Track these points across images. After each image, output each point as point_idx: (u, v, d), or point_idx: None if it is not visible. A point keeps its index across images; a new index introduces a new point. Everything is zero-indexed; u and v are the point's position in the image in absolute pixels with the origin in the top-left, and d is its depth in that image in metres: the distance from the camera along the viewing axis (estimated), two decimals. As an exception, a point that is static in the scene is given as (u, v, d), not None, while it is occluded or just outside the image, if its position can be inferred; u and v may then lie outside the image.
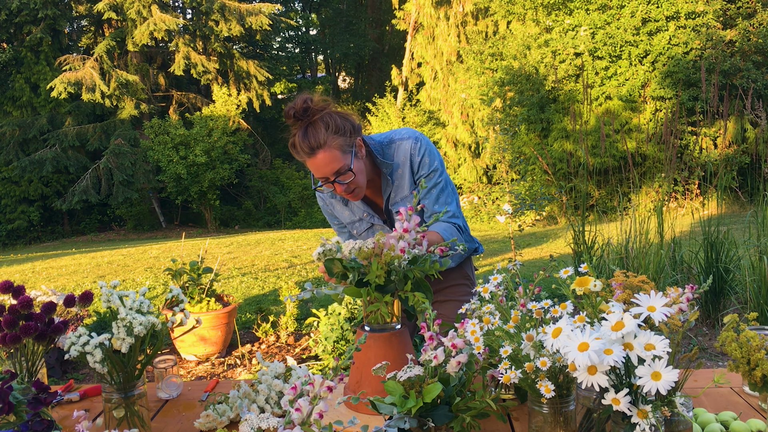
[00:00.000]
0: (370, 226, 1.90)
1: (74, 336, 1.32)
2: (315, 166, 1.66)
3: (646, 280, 1.12)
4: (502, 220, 6.90)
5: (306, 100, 1.64)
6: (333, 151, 1.64)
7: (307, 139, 1.63)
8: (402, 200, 1.82)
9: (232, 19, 17.07)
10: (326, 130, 1.63)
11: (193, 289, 4.36)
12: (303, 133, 1.64)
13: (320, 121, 1.64)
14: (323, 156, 1.63)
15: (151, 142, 15.76)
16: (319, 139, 1.62)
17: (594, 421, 1.17)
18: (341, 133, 1.65)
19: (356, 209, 1.89)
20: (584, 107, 8.84)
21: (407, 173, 1.81)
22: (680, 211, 9.32)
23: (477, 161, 14.75)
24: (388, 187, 1.82)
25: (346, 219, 1.93)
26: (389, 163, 1.80)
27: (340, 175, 1.67)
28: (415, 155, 1.80)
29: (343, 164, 1.66)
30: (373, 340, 1.47)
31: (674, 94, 11.67)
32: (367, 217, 1.88)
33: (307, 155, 1.65)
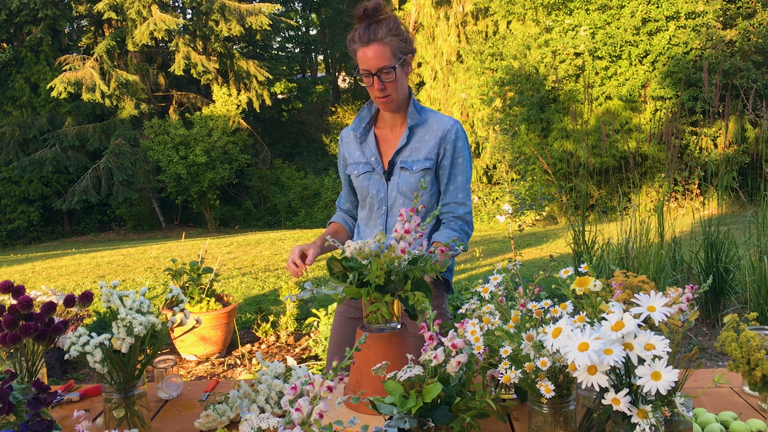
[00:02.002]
0: (370, 171, 1.91)
1: (74, 336, 1.32)
2: (365, 57, 1.74)
3: (646, 280, 1.12)
4: (502, 220, 6.90)
5: (378, 5, 1.74)
6: (386, 49, 1.73)
7: (368, 31, 1.73)
8: (413, 162, 1.83)
9: (232, 19, 17.07)
10: (387, 28, 1.73)
11: (193, 289, 4.36)
12: (366, 26, 1.74)
13: (384, 21, 1.74)
14: (376, 48, 1.73)
15: (151, 142, 15.76)
16: (380, 34, 1.72)
17: (594, 421, 1.17)
18: (400, 37, 1.75)
19: (367, 151, 1.91)
20: (584, 107, 8.84)
21: (433, 142, 1.83)
22: (680, 211, 9.32)
23: (477, 161, 14.75)
24: (404, 139, 1.85)
25: (354, 158, 1.94)
26: (418, 116, 1.84)
27: (383, 72, 1.74)
28: (451, 133, 1.83)
29: (390, 62, 1.74)
30: (373, 340, 1.47)
31: (674, 94, 11.67)
32: (373, 161, 1.89)
33: (363, 44, 1.73)
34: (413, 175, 1.83)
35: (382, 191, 1.88)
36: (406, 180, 1.84)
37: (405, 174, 1.84)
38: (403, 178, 1.85)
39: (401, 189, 1.85)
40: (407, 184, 1.84)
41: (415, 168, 1.83)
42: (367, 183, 1.91)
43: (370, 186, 1.90)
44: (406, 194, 1.85)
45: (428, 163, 1.82)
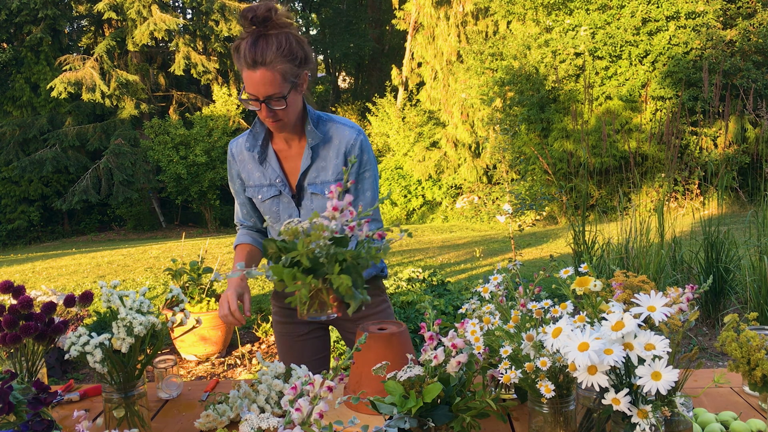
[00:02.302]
0: (276, 195, 1.75)
1: (74, 336, 1.32)
2: (251, 81, 1.54)
3: (646, 280, 1.12)
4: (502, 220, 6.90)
5: (270, 9, 1.51)
6: (275, 74, 1.52)
7: (254, 51, 1.51)
8: (322, 184, 1.70)
9: (232, 19, 17.08)
10: (277, 50, 1.51)
11: (193, 289, 4.36)
12: (253, 41, 1.51)
13: (274, 37, 1.52)
14: (263, 74, 1.52)
15: (151, 142, 15.76)
16: (266, 56, 1.51)
17: (594, 421, 1.17)
18: (291, 59, 1.54)
19: (270, 172, 1.74)
20: (584, 107, 8.84)
21: (336, 159, 1.68)
22: (680, 211, 9.32)
23: (477, 161, 14.75)
24: (307, 159, 1.69)
25: (255, 180, 1.77)
26: (319, 135, 1.67)
27: (272, 100, 1.56)
28: (355, 147, 1.68)
29: (279, 90, 1.55)
30: (373, 340, 1.47)
31: (674, 94, 11.67)
32: (278, 183, 1.73)
33: (248, 67, 1.52)
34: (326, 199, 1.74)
35: (294, 217, 1.74)
36: (320, 205, 1.71)
37: (317, 199, 1.72)
38: (316, 204, 1.72)
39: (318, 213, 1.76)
40: (321, 209, 1.70)
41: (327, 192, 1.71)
42: (277, 208, 1.76)
43: (281, 211, 1.76)
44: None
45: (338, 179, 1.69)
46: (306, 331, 1.94)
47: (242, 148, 1.77)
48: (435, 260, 7.98)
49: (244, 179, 1.80)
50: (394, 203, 16.39)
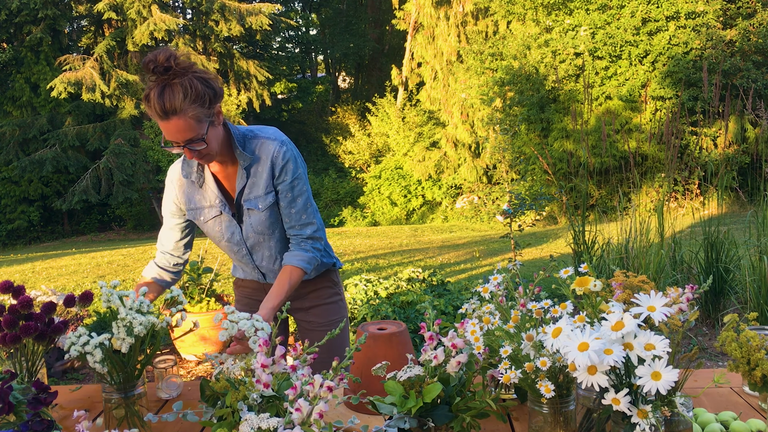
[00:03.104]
0: (218, 215, 1.81)
1: (74, 336, 1.32)
2: (166, 130, 1.58)
3: (646, 280, 1.12)
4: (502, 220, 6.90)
5: (170, 58, 1.54)
6: (188, 120, 1.56)
7: (162, 102, 1.54)
8: (255, 198, 1.76)
9: (232, 19, 17.08)
10: (184, 98, 1.54)
11: (193, 289, 4.36)
12: (159, 92, 1.54)
13: (179, 85, 1.55)
14: (176, 123, 1.56)
15: (151, 141, 15.77)
16: (175, 105, 1.54)
17: (594, 421, 1.17)
18: (200, 102, 1.57)
19: (210, 194, 1.80)
20: (584, 107, 8.84)
21: (266, 174, 1.75)
22: (680, 211, 9.32)
23: (477, 161, 14.75)
24: (242, 179, 1.75)
25: (195, 204, 1.83)
26: (248, 156, 1.73)
27: (192, 143, 1.60)
28: (279, 159, 1.74)
29: (196, 133, 1.59)
30: (373, 340, 1.47)
31: (674, 94, 11.67)
32: (218, 203, 1.79)
33: (160, 118, 1.56)
34: (262, 213, 1.77)
35: (237, 234, 1.83)
36: (258, 220, 1.78)
37: (254, 214, 1.78)
38: (254, 219, 1.79)
39: (256, 229, 1.80)
40: (260, 223, 1.79)
41: (261, 206, 1.77)
42: (220, 227, 1.83)
43: (224, 230, 1.83)
44: (263, 232, 1.80)
45: (271, 197, 1.76)
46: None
47: (177, 172, 1.84)
48: (435, 260, 7.98)
49: (183, 203, 1.85)
50: (394, 203, 16.39)
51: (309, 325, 1.99)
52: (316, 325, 1.98)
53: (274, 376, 1.20)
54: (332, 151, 19.60)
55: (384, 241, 10.40)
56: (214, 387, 1.23)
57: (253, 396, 1.14)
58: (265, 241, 1.83)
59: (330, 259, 1.99)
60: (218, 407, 1.19)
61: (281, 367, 1.20)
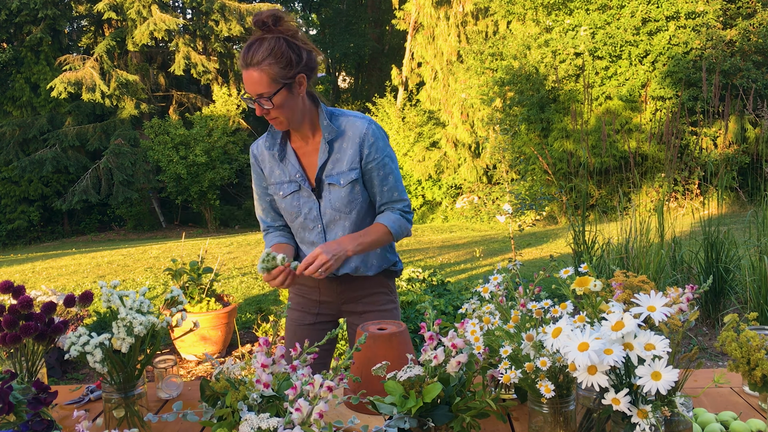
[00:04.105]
0: (297, 190, 1.82)
1: (74, 336, 1.32)
2: (245, 80, 1.64)
3: (646, 280, 1.12)
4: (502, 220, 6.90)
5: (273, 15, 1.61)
6: (263, 75, 1.60)
7: (247, 52, 1.61)
8: (338, 174, 1.76)
9: (232, 19, 17.08)
10: (269, 53, 1.60)
11: (193, 289, 4.36)
12: (249, 44, 1.62)
13: (268, 40, 1.61)
14: (252, 74, 1.61)
15: (151, 142, 15.76)
16: (257, 57, 1.60)
17: (594, 421, 1.17)
18: (282, 62, 1.61)
19: (290, 168, 1.81)
20: (584, 107, 8.84)
21: (352, 150, 1.75)
22: (680, 211, 9.32)
23: (477, 161, 14.75)
24: (324, 153, 1.76)
25: (276, 178, 1.84)
26: (334, 129, 1.74)
27: (261, 99, 1.64)
28: (369, 136, 1.75)
29: (267, 90, 1.62)
30: (373, 340, 1.47)
31: (674, 94, 11.67)
32: (298, 178, 1.80)
33: (242, 66, 1.63)
34: (342, 189, 1.78)
35: (315, 210, 1.82)
36: (337, 195, 1.78)
37: (335, 189, 1.78)
38: (334, 194, 1.79)
39: (334, 205, 1.80)
40: (339, 199, 1.79)
41: (343, 182, 1.77)
42: (298, 203, 1.83)
43: (302, 205, 1.83)
44: (341, 209, 1.80)
45: (354, 173, 1.76)
46: (312, 321, 1.98)
47: (262, 148, 1.86)
48: (435, 260, 7.98)
49: (266, 177, 1.87)
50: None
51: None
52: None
53: (274, 376, 1.20)
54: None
55: (384, 241, 10.37)
56: (214, 387, 1.23)
57: (253, 396, 1.14)
58: (342, 219, 1.81)
59: (393, 256, 1.96)
60: (218, 407, 1.19)
61: (281, 367, 1.21)
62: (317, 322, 1.98)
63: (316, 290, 1.95)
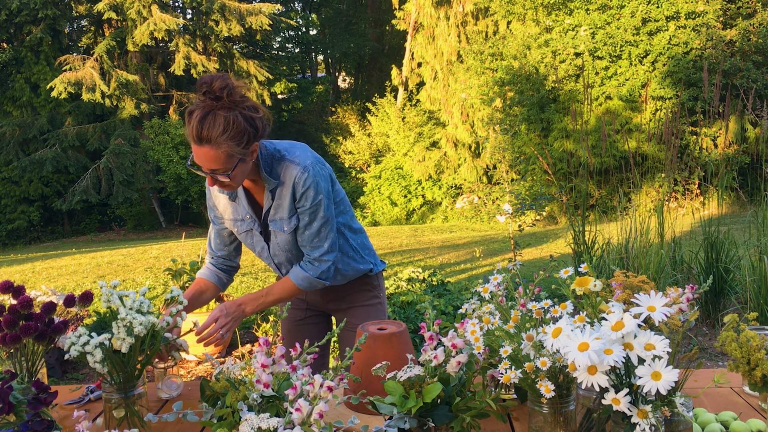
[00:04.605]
0: (249, 230, 1.84)
1: (74, 336, 1.32)
2: (196, 155, 1.58)
3: (646, 280, 1.12)
4: (502, 220, 6.90)
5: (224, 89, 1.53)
6: (219, 153, 1.55)
7: (201, 128, 1.53)
8: (280, 220, 1.77)
9: (232, 19, 17.07)
10: (223, 132, 1.53)
11: (193, 289, 4.35)
12: (201, 118, 1.53)
13: (223, 117, 1.53)
14: (207, 152, 1.55)
15: (151, 142, 15.76)
16: (211, 135, 1.53)
17: (594, 421, 1.17)
18: (237, 140, 1.56)
19: (241, 209, 1.81)
20: (584, 107, 8.84)
21: (289, 197, 1.74)
22: (680, 211, 9.32)
23: (477, 161, 14.75)
24: (268, 200, 1.77)
25: (229, 215, 1.85)
26: (273, 181, 1.72)
27: (216, 174, 1.61)
28: (299, 185, 1.71)
29: (223, 167, 1.59)
30: (373, 340, 1.47)
31: (674, 94, 11.67)
32: (249, 219, 1.82)
33: (194, 141, 1.56)
34: (287, 235, 1.80)
35: (265, 249, 1.86)
36: (284, 240, 1.81)
37: (280, 235, 1.81)
38: (280, 239, 1.82)
39: (283, 248, 1.83)
40: (286, 243, 1.81)
41: (286, 229, 1.78)
42: (251, 241, 1.87)
43: (255, 244, 1.87)
44: (290, 250, 1.83)
45: (294, 220, 1.77)
46: (303, 316, 2.09)
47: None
48: (435, 260, 7.98)
49: (220, 212, 1.88)
50: (394, 203, 16.39)
51: (347, 325, 1.96)
52: (353, 327, 1.95)
53: (274, 376, 1.20)
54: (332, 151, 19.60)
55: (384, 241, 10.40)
56: (214, 387, 1.23)
57: (253, 396, 1.14)
58: (294, 258, 1.86)
59: (366, 265, 1.97)
60: (218, 407, 1.19)
61: (281, 367, 1.21)
62: (307, 317, 2.09)
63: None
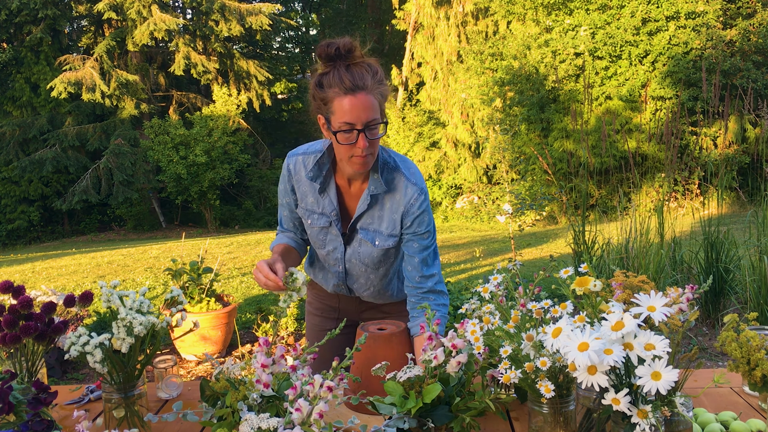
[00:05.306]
0: (327, 226, 1.71)
1: (74, 336, 1.32)
2: (349, 107, 1.44)
3: (646, 280, 1.12)
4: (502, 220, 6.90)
5: (352, 43, 1.46)
6: (374, 99, 1.46)
7: (352, 76, 1.44)
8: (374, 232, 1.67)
9: (232, 19, 17.07)
10: (373, 77, 1.47)
11: (193, 289, 4.36)
12: (346, 69, 1.45)
13: (365, 65, 1.47)
14: (365, 99, 1.44)
15: (151, 142, 15.76)
16: (366, 81, 1.45)
17: (594, 421, 1.17)
18: (383, 85, 1.49)
19: (327, 203, 1.68)
20: (584, 107, 8.85)
21: (393, 213, 1.64)
22: (680, 211, 9.32)
23: (477, 161, 14.75)
24: (364, 204, 1.64)
25: (308, 205, 1.72)
26: (382, 184, 1.61)
27: (370, 128, 1.47)
28: (415, 207, 1.62)
29: (377, 117, 1.48)
30: (373, 340, 1.47)
31: (674, 93, 11.67)
32: (333, 216, 1.68)
33: (346, 91, 1.44)
34: (375, 250, 1.69)
35: (339, 252, 1.74)
36: (368, 252, 1.70)
37: (366, 246, 1.69)
38: (364, 249, 1.70)
39: (363, 260, 1.72)
40: (369, 257, 1.71)
41: (378, 244, 1.68)
42: (324, 237, 1.74)
43: (327, 242, 1.74)
44: (368, 264, 1.72)
45: (392, 241, 1.67)
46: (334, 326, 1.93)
47: (301, 168, 1.70)
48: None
49: (298, 197, 1.74)
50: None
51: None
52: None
53: (274, 376, 1.20)
54: (332, 151, 19.57)
55: (384, 241, 10.37)
56: (214, 387, 1.23)
57: (253, 396, 1.14)
58: (366, 273, 1.75)
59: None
60: (218, 407, 1.20)
61: (281, 367, 1.21)
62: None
63: (335, 298, 1.92)
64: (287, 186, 1.75)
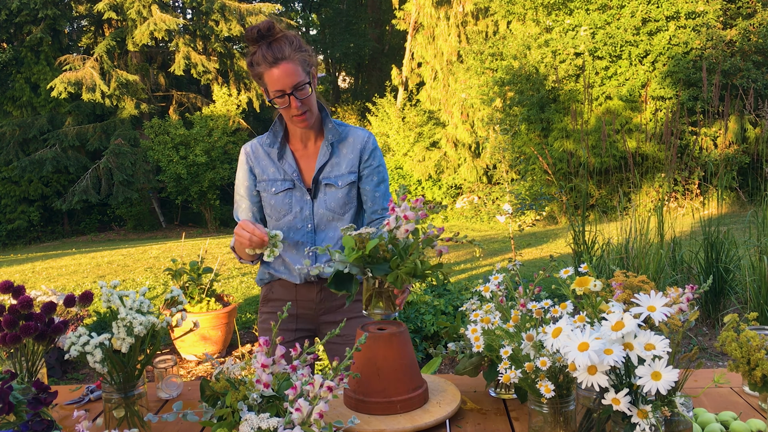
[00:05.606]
0: (290, 188, 1.85)
1: (74, 336, 1.32)
2: (276, 77, 1.69)
3: (646, 280, 1.12)
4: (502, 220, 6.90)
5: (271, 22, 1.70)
6: (296, 65, 1.69)
7: (272, 51, 1.68)
8: (336, 177, 1.83)
9: (232, 19, 17.07)
10: (290, 46, 1.69)
11: (193, 289, 4.36)
12: (267, 46, 1.69)
13: (283, 38, 1.70)
14: (286, 67, 1.68)
15: (151, 142, 15.76)
16: (284, 52, 1.68)
17: (594, 421, 1.17)
18: (303, 51, 1.71)
19: (287, 167, 1.85)
20: (584, 107, 8.84)
21: (352, 155, 1.85)
22: (680, 211, 9.32)
23: (477, 161, 14.75)
24: (325, 156, 1.83)
25: (269, 175, 1.87)
26: (338, 131, 1.83)
27: (298, 90, 1.70)
28: (369, 143, 1.86)
29: (302, 79, 1.70)
30: (373, 340, 1.47)
31: (674, 93, 11.67)
32: (294, 176, 1.84)
33: (270, 65, 1.68)
34: (340, 191, 1.83)
35: (307, 209, 1.85)
36: (333, 197, 1.84)
37: (331, 191, 1.84)
38: (330, 195, 1.84)
39: (329, 206, 1.84)
40: (335, 200, 1.84)
41: (341, 183, 1.83)
42: (290, 200, 1.85)
43: (293, 204, 1.85)
44: (336, 210, 1.84)
45: (352, 176, 1.84)
46: (292, 338, 1.95)
47: (258, 146, 1.90)
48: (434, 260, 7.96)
49: (257, 174, 1.89)
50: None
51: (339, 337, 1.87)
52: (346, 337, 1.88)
53: (274, 376, 1.21)
54: (332, 151, 19.57)
55: (384, 241, 10.38)
56: (214, 387, 1.23)
57: (253, 396, 1.14)
58: (335, 220, 1.86)
59: None
60: (218, 407, 1.20)
61: (281, 367, 1.21)
62: (297, 338, 1.95)
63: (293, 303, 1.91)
64: (246, 169, 1.91)
